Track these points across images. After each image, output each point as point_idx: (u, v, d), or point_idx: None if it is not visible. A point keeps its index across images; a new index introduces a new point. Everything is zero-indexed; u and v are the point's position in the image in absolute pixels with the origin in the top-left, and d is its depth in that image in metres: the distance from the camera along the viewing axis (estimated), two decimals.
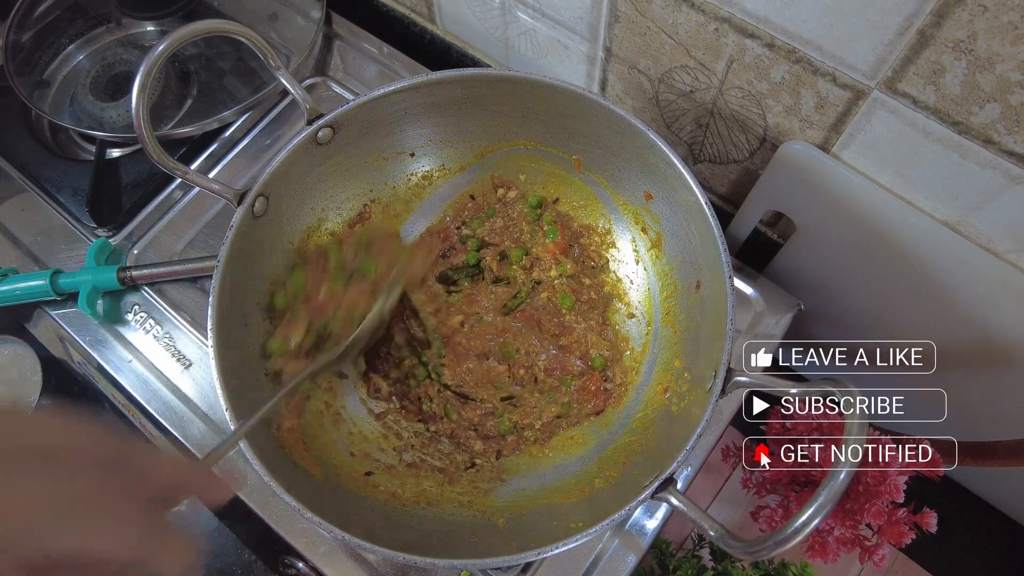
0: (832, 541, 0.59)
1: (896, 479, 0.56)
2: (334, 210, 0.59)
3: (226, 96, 0.71)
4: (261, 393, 0.51)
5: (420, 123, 0.57)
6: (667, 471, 0.42)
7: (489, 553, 0.42)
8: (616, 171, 0.56)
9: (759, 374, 0.43)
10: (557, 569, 0.53)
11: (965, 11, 0.38)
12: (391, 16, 0.79)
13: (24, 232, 0.66)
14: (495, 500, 0.52)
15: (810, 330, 0.72)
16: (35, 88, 0.71)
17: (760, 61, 0.49)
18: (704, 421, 0.43)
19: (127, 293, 0.63)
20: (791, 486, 0.63)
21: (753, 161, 0.59)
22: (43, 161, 0.68)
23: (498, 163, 0.61)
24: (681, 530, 0.80)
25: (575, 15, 0.58)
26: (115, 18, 0.75)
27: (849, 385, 0.37)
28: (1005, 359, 0.55)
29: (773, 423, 0.64)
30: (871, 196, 0.52)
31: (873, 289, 0.60)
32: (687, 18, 0.51)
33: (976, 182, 0.46)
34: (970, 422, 0.65)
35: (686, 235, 0.52)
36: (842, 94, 0.48)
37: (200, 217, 0.66)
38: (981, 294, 0.52)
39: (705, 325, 0.50)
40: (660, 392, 0.53)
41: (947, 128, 0.45)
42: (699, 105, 0.58)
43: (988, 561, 0.78)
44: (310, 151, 0.54)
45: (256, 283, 0.54)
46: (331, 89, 0.73)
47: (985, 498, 0.78)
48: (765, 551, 0.35)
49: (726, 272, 0.46)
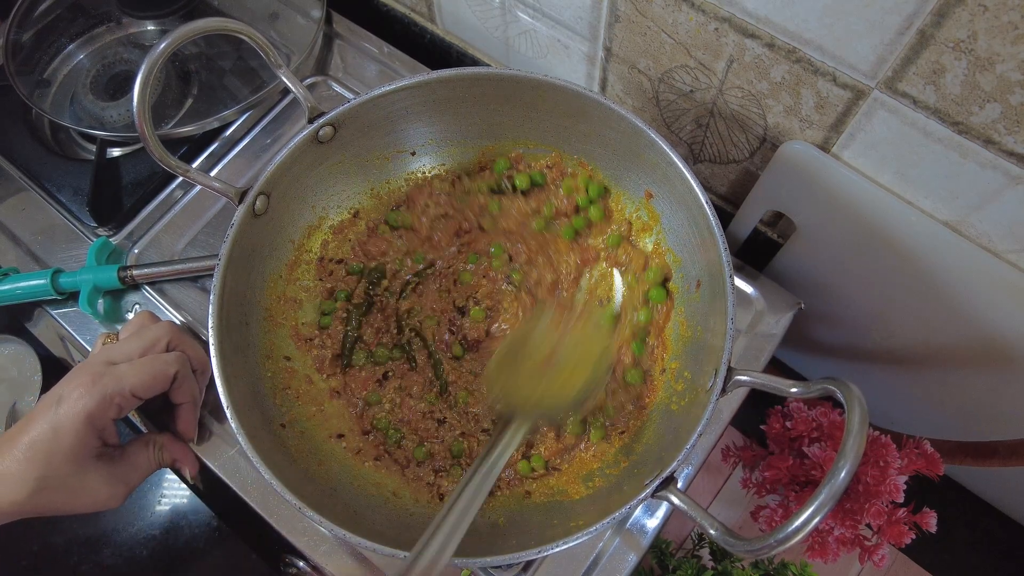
0: (832, 541, 0.59)
1: (896, 479, 0.56)
2: (335, 208, 0.59)
3: (227, 95, 0.71)
4: (261, 392, 0.51)
5: (421, 122, 0.57)
6: (668, 470, 0.42)
7: (490, 551, 0.42)
8: (617, 170, 0.56)
9: (759, 373, 0.43)
10: (558, 568, 0.53)
11: (965, 11, 0.38)
12: (391, 16, 0.79)
13: (25, 231, 0.66)
14: (495, 499, 0.52)
15: (810, 330, 0.72)
16: (35, 87, 0.71)
17: (760, 61, 0.50)
18: (704, 420, 0.43)
19: (128, 292, 0.63)
20: (791, 486, 0.63)
21: (753, 161, 0.60)
22: (43, 160, 0.68)
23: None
24: (681, 530, 0.80)
25: (575, 15, 0.58)
26: (115, 17, 0.75)
27: (849, 385, 0.37)
28: (1005, 359, 0.55)
29: (773, 423, 0.64)
30: (871, 196, 0.52)
31: (873, 289, 0.60)
32: (687, 18, 0.51)
33: (976, 182, 0.46)
34: (970, 422, 0.65)
35: (687, 234, 0.52)
36: (842, 94, 0.48)
37: (201, 216, 0.66)
38: (981, 294, 0.52)
39: (705, 324, 0.50)
40: (659, 391, 0.53)
41: (947, 128, 0.45)
42: (699, 105, 0.58)
43: (988, 561, 0.78)
44: (311, 149, 0.54)
45: (257, 282, 0.54)
46: (331, 88, 0.73)
47: (985, 498, 0.79)
48: (765, 550, 0.35)
49: (727, 271, 0.46)
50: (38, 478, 0.45)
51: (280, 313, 0.55)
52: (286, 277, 0.56)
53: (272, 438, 0.48)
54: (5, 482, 0.45)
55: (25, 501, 0.45)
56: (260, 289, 0.54)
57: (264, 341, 0.53)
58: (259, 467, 0.43)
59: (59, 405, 0.46)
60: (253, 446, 0.44)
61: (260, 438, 0.45)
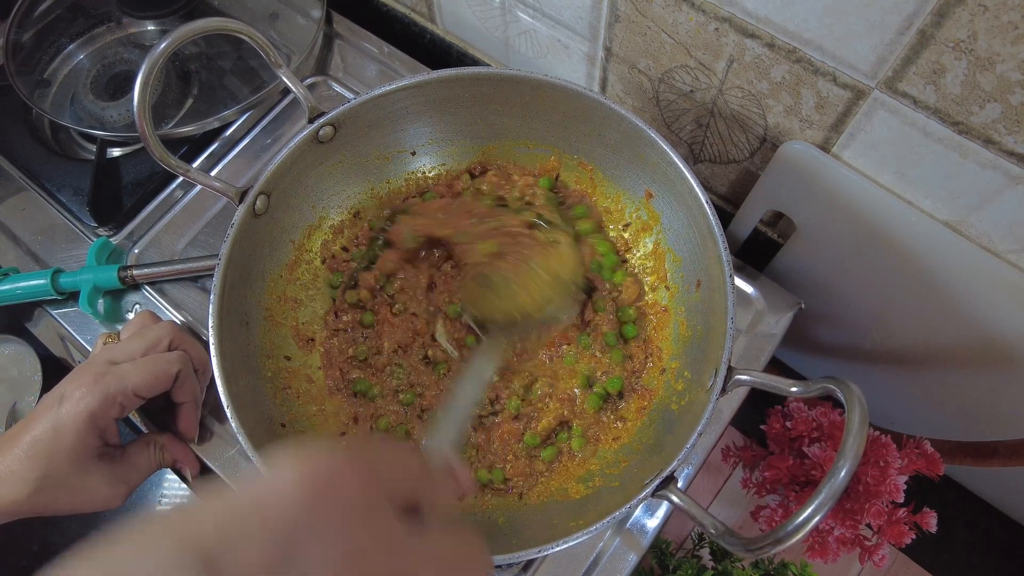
0: (832, 541, 0.59)
1: (896, 479, 0.56)
2: (335, 208, 0.59)
3: (227, 95, 0.71)
4: (261, 392, 0.51)
5: (421, 122, 0.57)
6: (668, 469, 0.42)
7: (490, 551, 0.42)
8: (617, 170, 0.56)
9: (759, 373, 0.43)
10: (558, 567, 0.53)
11: (965, 11, 0.38)
12: (391, 16, 0.79)
13: (25, 231, 0.66)
14: (495, 499, 0.52)
15: (810, 330, 0.72)
16: (36, 87, 0.71)
17: (760, 61, 0.50)
18: (704, 420, 0.43)
19: (128, 292, 0.63)
20: (791, 486, 0.63)
21: (753, 161, 0.60)
22: (44, 160, 0.68)
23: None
24: (681, 530, 0.80)
25: (575, 15, 0.58)
26: (115, 17, 0.75)
27: (849, 384, 0.37)
28: (1005, 359, 0.55)
29: (773, 423, 0.64)
30: (871, 196, 0.52)
31: (873, 289, 0.60)
32: (687, 18, 0.51)
33: (976, 182, 0.46)
34: (970, 422, 0.65)
35: (687, 234, 0.53)
36: (842, 94, 0.48)
37: (201, 216, 0.66)
38: (981, 294, 0.52)
39: (705, 324, 0.50)
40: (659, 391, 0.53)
41: (947, 128, 0.45)
42: (699, 105, 0.58)
43: (988, 561, 0.78)
44: (311, 149, 0.54)
45: (257, 282, 0.54)
46: (331, 88, 0.73)
47: (985, 498, 0.79)
48: (765, 549, 0.35)
49: (727, 271, 0.46)
50: (39, 477, 0.45)
51: (280, 313, 0.55)
52: (286, 277, 0.56)
53: (272, 438, 0.48)
54: (6, 481, 0.45)
55: (26, 500, 0.45)
56: (260, 289, 0.54)
57: (264, 341, 0.53)
58: (259, 467, 0.43)
59: (61, 404, 0.46)
60: (253, 446, 0.44)
61: (260, 438, 0.45)
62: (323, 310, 0.58)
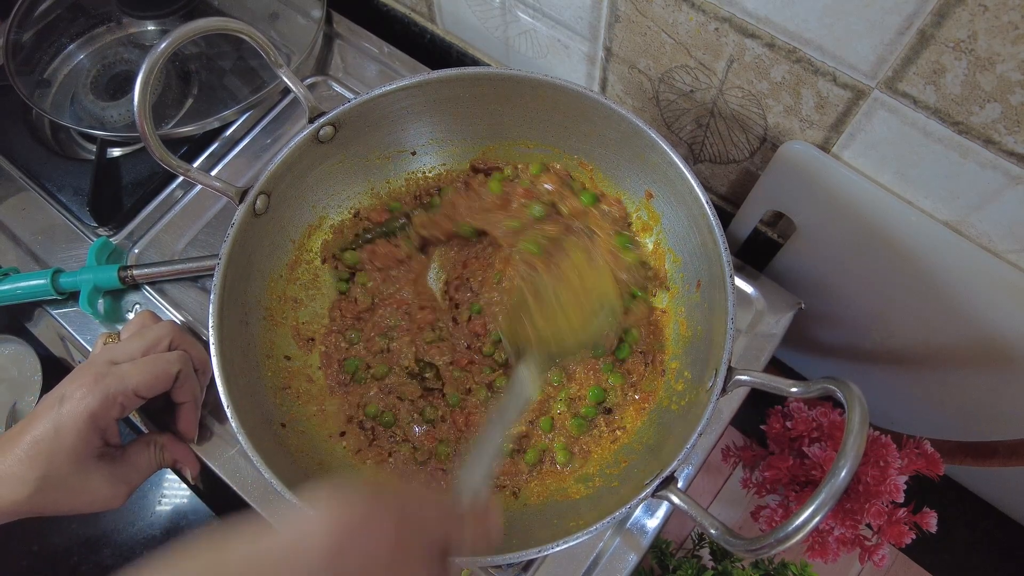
0: (832, 541, 0.59)
1: (896, 479, 0.56)
2: (335, 208, 0.59)
3: (227, 95, 0.71)
4: (262, 392, 0.51)
5: (421, 121, 0.57)
6: (668, 469, 0.42)
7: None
8: (617, 170, 0.56)
9: (759, 373, 0.43)
10: (558, 567, 0.53)
11: (965, 11, 0.38)
12: (391, 16, 0.79)
13: (25, 231, 0.66)
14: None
15: (810, 330, 0.72)
16: (36, 87, 0.71)
17: (760, 61, 0.50)
18: (705, 420, 0.43)
19: (128, 292, 0.63)
20: (791, 486, 0.63)
21: (753, 161, 0.60)
22: (44, 160, 0.68)
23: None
24: (681, 530, 0.80)
25: (575, 15, 0.58)
26: (115, 17, 0.75)
27: (849, 384, 0.37)
28: (1005, 359, 0.55)
29: (773, 423, 0.64)
30: (871, 196, 0.52)
31: (873, 289, 0.60)
32: (687, 18, 0.51)
33: (976, 182, 0.46)
34: (970, 422, 0.65)
35: (687, 234, 0.53)
36: (842, 94, 0.48)
37: (201, 216, 0.66)
38: (981, 294, 0.52)
39: (705, 324, 0.50)
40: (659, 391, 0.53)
41: (947, 128, 0.45)
42: (699, 105, 0.58)
43: (988, 561, 0.78)
44: (312, 149, 0.54)
45: (257, 281, 0.54)
46: (331, 88, 0.73)
47: (985, 498, 0.79)
48: (766, 549, 0.35)
49: (727, 271, 0.46)
50: (39, 477, 0.45)
51: (280, 313, 0.55)
52: (286, 277, 0.56)
53: (272, 438, 0.48)
54: (6, 481, 0.45)
55: (26, 500, 0.45)
56: (260, 289, 0.54)
57: (264, 340, 0.53)
58: (259, 467, 0.43)
59: (62, 404, 0.46)
60: (253, 446, 0.44)
61: (260, 438, 0.45)
62: (323, 310, 0.58)
